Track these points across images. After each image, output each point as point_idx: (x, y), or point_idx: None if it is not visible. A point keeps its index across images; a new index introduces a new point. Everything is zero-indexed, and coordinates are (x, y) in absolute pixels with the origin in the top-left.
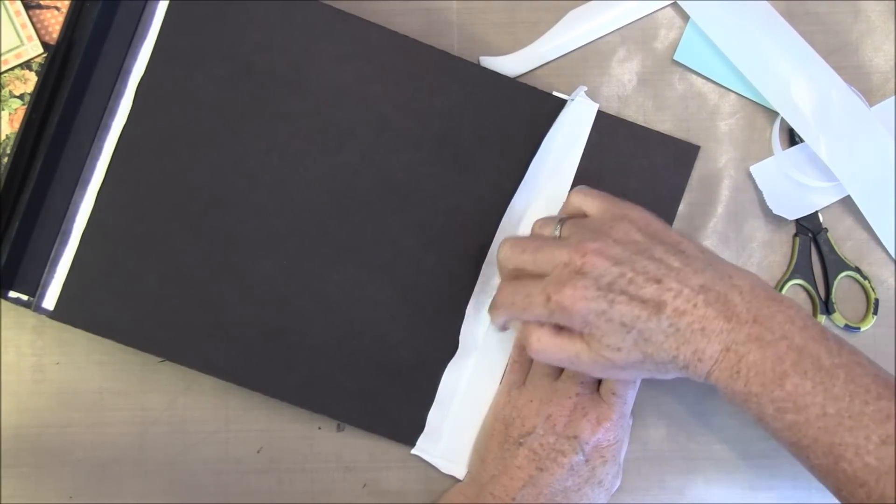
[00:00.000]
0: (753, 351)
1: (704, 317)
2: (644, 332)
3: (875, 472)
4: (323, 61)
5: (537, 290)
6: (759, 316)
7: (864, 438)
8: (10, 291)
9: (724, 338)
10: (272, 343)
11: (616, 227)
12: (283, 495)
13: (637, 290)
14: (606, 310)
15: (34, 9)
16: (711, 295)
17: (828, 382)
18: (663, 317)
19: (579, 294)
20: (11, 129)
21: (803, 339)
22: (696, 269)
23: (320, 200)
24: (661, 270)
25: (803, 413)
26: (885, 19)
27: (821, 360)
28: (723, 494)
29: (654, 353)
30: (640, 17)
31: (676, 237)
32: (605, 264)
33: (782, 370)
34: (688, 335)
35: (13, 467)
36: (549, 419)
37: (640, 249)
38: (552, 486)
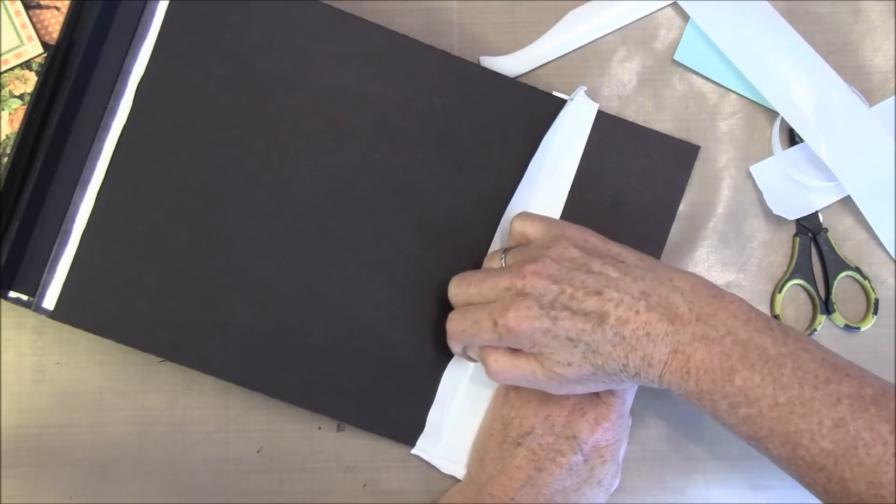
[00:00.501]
0: (700, 350)
1: (648, 322)
2: (591, 344)
3: (832, 456)
4: (323, 61)
5: (484, 315)
6: (702, 314)
7: (816, 423)
8: (10, 291)
9: (669, 340)
10: (272, 343)
11: (553, 247)
12: (283, 495)
13: (579, 304)
14: (551, 327)
15: (34, 9)
16: (653, 300)
17: (776, 372)
18: (607, 327)
19: (522, 315)
20: (11, 129)
21: (748, 332)
22: (635, 277)
23: (320, 200)
24: (601, 282)
25: (756, 405)
26: (885, 19)
27: (767, 351)
28: (723, 494)
29: (605, 364)
30: (640, 17)
31: (616, 249)
32: (544, 283)
33: (730, 366)
34: (633, 342)
35: (13, 467)
36: (547, 419)
37: (578, 265)
38: (551, 485)
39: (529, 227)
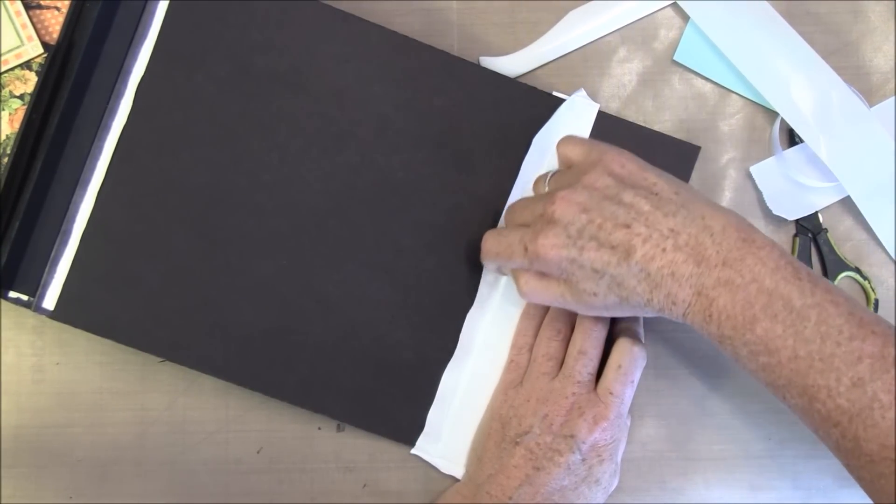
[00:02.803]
0: (723, 295)
1: (674, 261)
2: (616, 277)
3: (847, 414)
4: (323, 61)
5: (516, 239)
6: (729, 258)
7: (835, 380)
8: (10, 291)
9: (694, 282)
10: (272, 343)
11: (589, 174)
12: (283, 495)
13: (606, 236)
14: (577, 257)
15: (34, 9)
16: (681, 238)
17: (798, 325)
18: (633, 262)
19: (550, 242)
20: (11, 129)
21: (774, 280)
22: (666, 213)
23: (320, 200)
24: (630, 215)
25: (775, 356)
26: (885, 19)
27: (792, 302)
28: (723, 494)
29: (629, 297)
30: (640, 17)
31: (653, 178)
32: (573, 212)
33: (752, 314)
34: (658, 280)
35: (13, 467)
36: (545, 418)
37: (610, 195)
38: (549, 485)
39: (571, 151)
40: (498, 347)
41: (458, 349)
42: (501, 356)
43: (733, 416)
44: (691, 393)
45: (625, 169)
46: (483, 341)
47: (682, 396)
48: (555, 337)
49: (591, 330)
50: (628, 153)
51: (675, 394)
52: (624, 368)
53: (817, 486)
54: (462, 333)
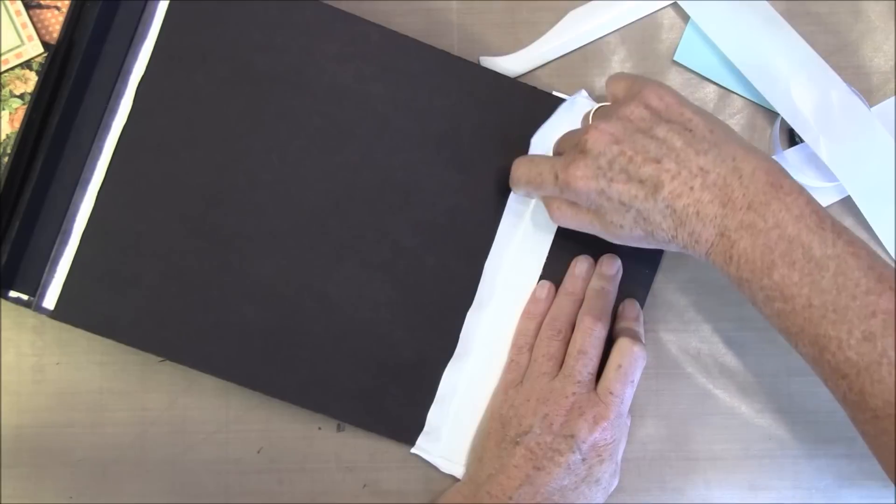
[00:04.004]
0: (745, 238)
1: (699, 200)
2: (642, 211)
3: (855, 367)
4: (323, 61)
5: (547, 168)
6: (754, 202)
7: (846, 333)
8: (11, 291)
9: (717, 223)
10: (272, 343)
11: (625, 106)
12: (283, 495)
13: (636, 170)
14: (605, 189)
15: (34, 8)
16: (710, 178)
17: (816, 274)
18: (659, 198)
19: (580, 173)
20: (12, 128)
21: (797, 228)
22: (698, 150)
23: (320, 200)
24: (662, 150)
25: (790, 303)
26: (885, 19)
27: (812, 251)
28: (723, 494)
29: (654, 232)
30: (640, 17)
31: (689, 113)
32: (605, 142)
33: (771, 260)
34: (683, 217)
35: (13, 467)
36: (545, 418)
37: (644, 128)
38: (549, 485)
39: (616, 86)
40: (498, 347)
41: (458, 349)
42: (501, 356)
43: (733, 416)
44: (691, 393)
45: (662, 102)
46: (483, 341)
47: (682, 396)
48: (555, 337)
49: (591, 330)
50: (669, 87)
51: (675, 394)
52: (624, 368)
53: (817, 486)
54: (462, 333)
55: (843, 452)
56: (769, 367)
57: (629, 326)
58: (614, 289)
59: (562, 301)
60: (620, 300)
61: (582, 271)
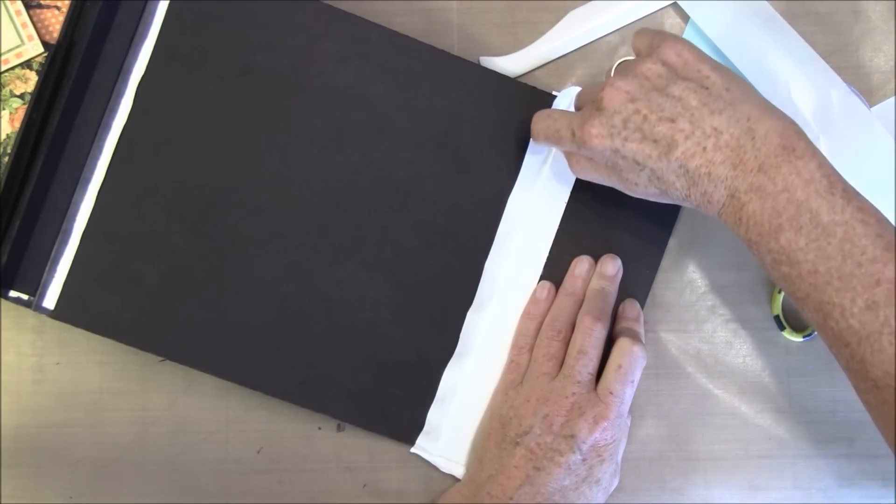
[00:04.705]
0: (754, 201)
1: (712, 161)
2: (656, 171)
3: (857, 335)
4: (323, 61)
5: (564, 124)
6: (765, 165)
7: (850, 301)
8: (11, 291)
9: (728, 184)
10: (272, 342)
11: (643, 63)
12: (283, 495)
13: (650, 129)
14: (620, 148)
15: (35, 8)
16: (723, 139)
17: (822, 240)
18: (673, 157)
19: (595, 131)
20: (12, 128)
21: (805, 193)
22: (713, 110)
23: (320, 200)
24: (677, 109)
25: (796, 268)
26: (885, 19)
27: (819, 217)
28: (723, 494)
29: (668, 190)
30: (640, 18)
31: (706, 70)
32: (621, 100)
33: (778, 224)
34: (696, 178)
35: (13, 467)
36: (546, 418)
37: (660, 85)
38: (549, 485)
39: (639, 42)
40: (498, 347)
41: (458, 348)
42: (501, 356)
43: (733, 416)
44: (691, 393)
45: (680, 58)
46: (483, 341)
47: (682, 396)
48: (555, 337)
49: (591, 330)
50: (688, 42)
51: (675, 394)
52: (624, 368)
53: (817, 486)
54: (462, 333)
55: (843, 452)
56: (769, 367)
57: (629, 326)
58: (615, 289)
59: (562, 301)
60: (620, 300)
61: (582, 271)
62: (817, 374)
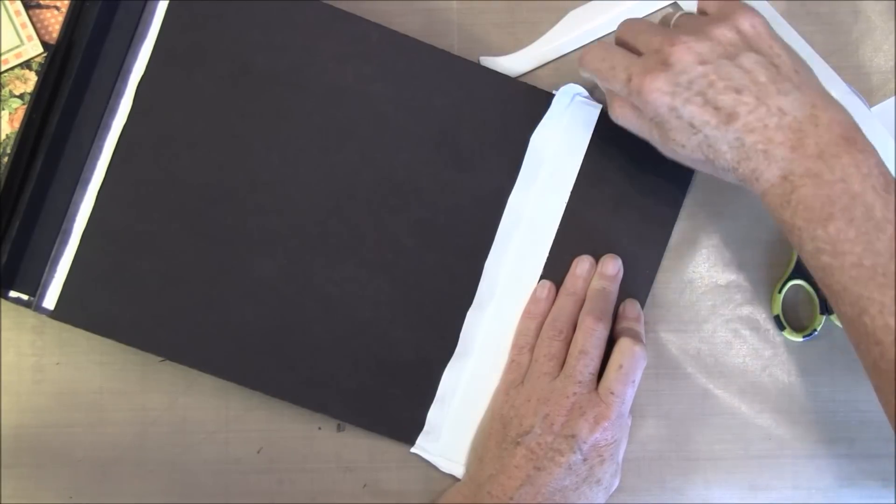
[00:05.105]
0: (808, 185)
1: (771, 140)
2: (710, 137)
3: (892, 334)
4: (323, 61)
5: (622, 65)
6: (825, 153)
7: (890, 299)
8: (11, 291)
9: (784, 165)
10: (272, 342)
11: (716, 27)
12: (283, 495)
13: (715, 95)
14: (678, 107)
15: (34, 8)
16: (786, 119)
17: (872, 234)
18: (731, 128)
19: (657, 85)
20: (12, 128)
21: (863, 186)
22: (780, 90)
23: (320, 199)
24: (745, 81)
25: (839, 259)
26: (885, 19)
27: (873, 211)
28: (723, 494)
29: (716, 160)
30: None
31: (777, 48)
32: (690, 60)
33: (830, 212)
34: (751, 153)
35: (13, 467)
36: (546, 418)
37: (731, 53)
38: (550, 485)
39: (706, 4)
40: (498, 347)
41: (458, 348)
42: (502, 356)
43: (733, 416)
44: (691, 393)
45: (754, 30)
46: (483, 341)
47: (683, 396)
48: (556, 337)
49: (592, 330)
50: (762, 16)
51: (676, 394)
52: (625, 368)
53: (817, 486)
54: (462, 333)
55: (843, 452)
56: (769, 367)
57: (630, 326)
58: (615, 289)
59: (563, 301)
60: (621, 300)
61: (583, 271)
62: (817, 374)
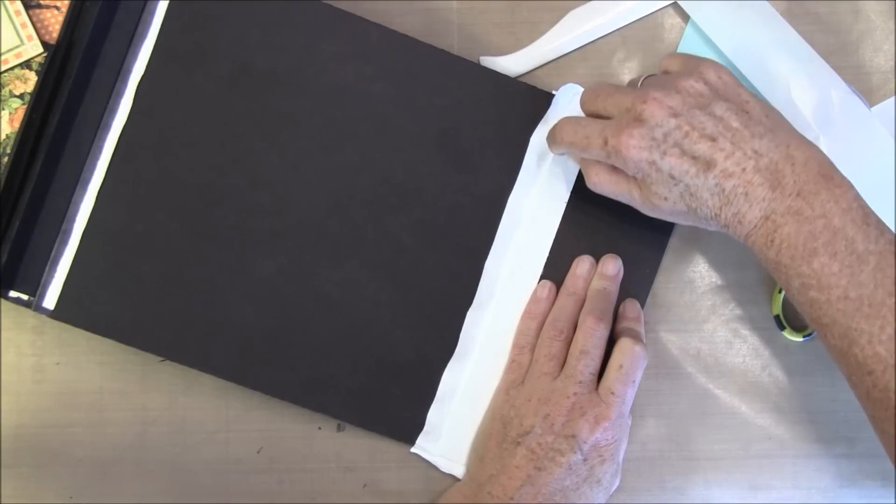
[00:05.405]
0: (790, 223)
1: (750, 182)
2: (691, 187)
3: (883, 363)
4: (323, 61)
5: (596, 131)
6: (804, 191)
7: (878, 328)
8: (11, 291)
9: (765, 206)
10: (272, 342)
11: (684, 80)
12: (283, 495)
13: (690, 145)
14: (657, 161)
15: (34, 8)
16: (763, 161)
17: (856, 267)
18: (710, 175)
19: (634, 142)
20: (12, 128)
21: (843, 220)
22: (753, 133)
23: (320, 199)
24: (718, 128)
25: (825, 292)
26: (885, 19)
27: (855, 244)
28: (723, 494)
29: (699, 209)
30: (640, 17)
31: (745, 95)
32: (662, 114)
33: (813, 247)
34: (731, 197)
35: (13, 467)
36: (546, 418)
37: (702, 104)
38: (550, 485)
39: (670, 63)
40: (498, 347)
41: (458, 348)
42: (502, 356)
43: (733, 416)
44: (691, 393)
45: (721, 80)
46: (483, 341)
47: (683, 396)
48: (557, 337)
49: (593, 330)
50: (726, 68)
51: (676, 394)
52: (625, 368)
53: (817, 486)
54: (462, 332)
55: (843, 452)
56: (769, 367)
57: (630, 326)
58: (616, 289)
59: (563, 301)
60: (621, 300)
61: (583, 271)
62: (817, 374)
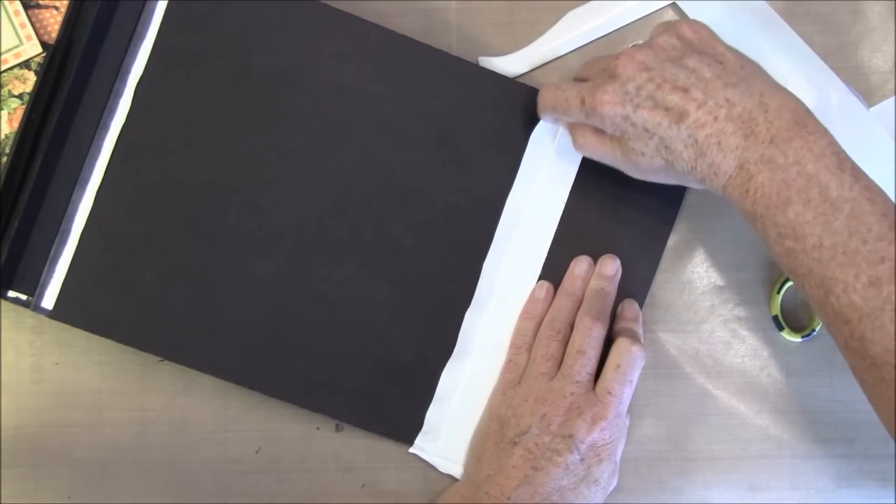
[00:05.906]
0: (763, 172)
1: (722, 131)
2: (665, 139)
3: (858, 312)
4: (322, 61)
5: (574, 93)
6: (777, 138)
7: (853, 276)
8: (10, 291)
9: (738, 154)
10: (271, 342)
11: (658, 36)
12: (282, 495)
13: (663, 97)
14: (630, 114)
15: (33, 8)
16: (735, 110)
17: (830, 215)
18: (683, 126)
19: (607, 98)
20: (10, 128)
21: (816, 167)
22: (727, 83)
23: (320, 200)
24: (690, 80)
25: (801, 241)
26: (884, 19)
27: (829, 191)
28: (721, 495)
29: (675, 162)
30: (639, 17)
31: (721, 48)
32: (634, 68)
33: (787, 196)
34: (705, 148)
35: (13, 467)
36: (544, 418)
37: (674, 57)
38: (547, 485)
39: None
40: (497, 347)
41: (456, 348)
42: (501, 356)
43: (732, 417)
44: (690, 393)
45: (697, 34)
46: (482, 341)
47: (681, 397)
48: (554, 337)
49: (590, 330)
50: (706, 25)
51: (674, 394)
52: (623, 368)
53: (816, 486)
54: (461, 333)
55: (842, 452)
56: (768, 367)
57: (628, 326)
58: (614, 289)
59: (561, 301)
60: (619, 300)
61: (581, 271)
62: (816, 373)
